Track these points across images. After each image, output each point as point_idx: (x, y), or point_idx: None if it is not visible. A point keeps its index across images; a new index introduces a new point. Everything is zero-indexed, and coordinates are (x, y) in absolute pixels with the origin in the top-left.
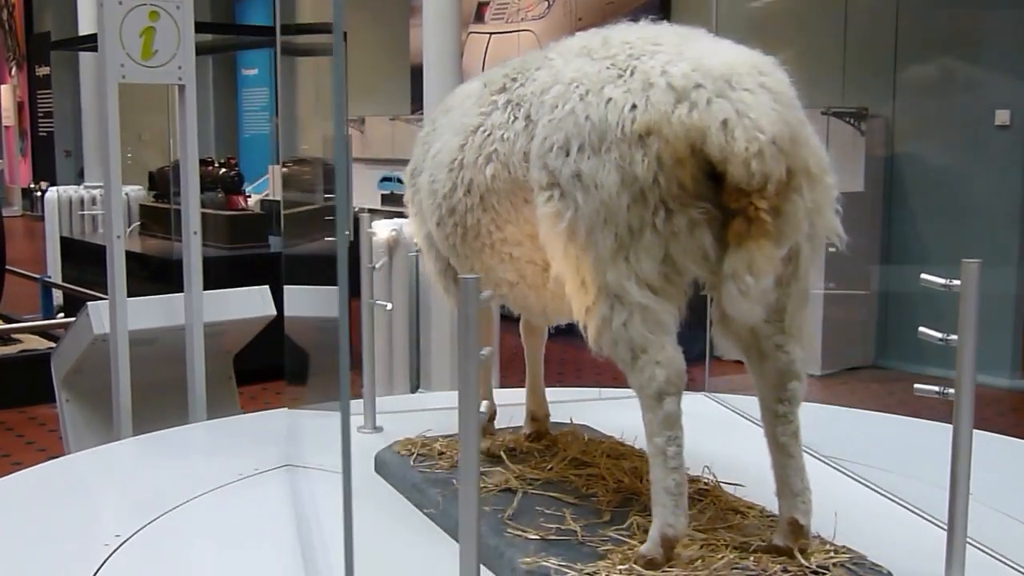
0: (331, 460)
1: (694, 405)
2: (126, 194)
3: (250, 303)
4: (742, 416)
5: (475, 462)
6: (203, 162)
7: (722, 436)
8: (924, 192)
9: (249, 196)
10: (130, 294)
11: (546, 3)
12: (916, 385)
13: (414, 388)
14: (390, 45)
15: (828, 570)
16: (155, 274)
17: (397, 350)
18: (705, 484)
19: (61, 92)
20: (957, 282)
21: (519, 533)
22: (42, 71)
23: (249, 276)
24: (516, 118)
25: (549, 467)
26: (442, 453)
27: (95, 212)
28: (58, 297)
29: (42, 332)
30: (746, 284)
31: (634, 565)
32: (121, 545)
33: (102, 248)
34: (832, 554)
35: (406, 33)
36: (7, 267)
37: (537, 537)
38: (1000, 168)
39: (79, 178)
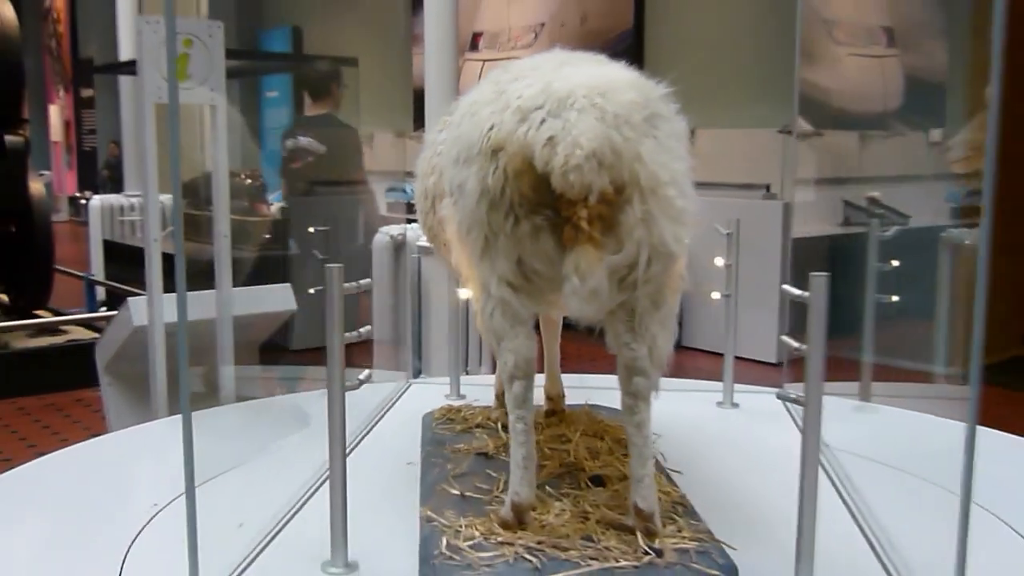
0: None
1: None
2: (161, 202)
3: (274, 298)
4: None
5: (340, 428)
6: (230, 173)
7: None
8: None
9: (271, 204)
10: (166, 291)
11: (533, 33)
12: (777, 391)
13: (416, 374)
14: (395, 70)
15: (662, 554)
16: (189, 272)
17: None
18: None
19: (103, 111)
20: (806, 293)
21: (446, 487)
22: (86, 93)
23: (272, 274)
24: (444, 133)
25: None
26: (465, 419)
27: (134, 218)
28: (101, 293)
29: (87, 324)
30: (574, 284)
31: (493, 524)
32: (158, 513)
33: (140, 250)
34: (682, 539)
35: (409, 59)
36: (56, 266)
37: (457, 493)
38: None
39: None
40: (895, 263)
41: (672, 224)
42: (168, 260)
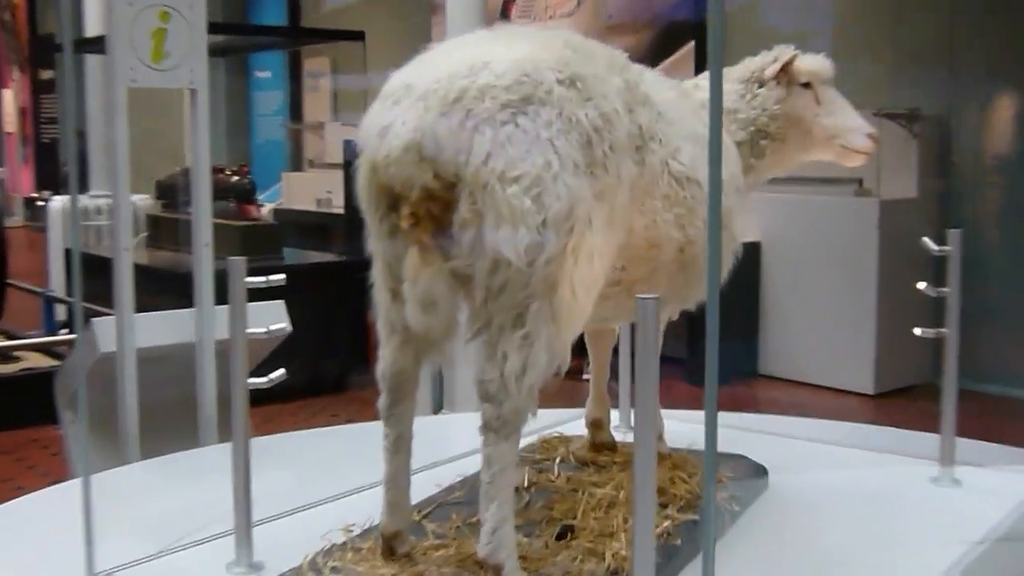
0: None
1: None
2: (133, 203)
3: (265, 318)
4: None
5: (244, 426)
6: (214, 170)
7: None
8: (983, 198)
9: (262, 205)
10: (138, 309)
11: (575, 0)
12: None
13: (437, 409)
14: (409, 44)
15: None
16: (164, 288)
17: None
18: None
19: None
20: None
21: (416, 511)
22: (46, 74)
23: (262, 290)
24: None
25: (556, 476)
26: (554, 447)
27: (100, 223)
28: (62, 312)
29: (45, 349)
30: (404, 289)
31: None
32: None
33: (108, 261)
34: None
35: (427, 31)
36: (8, 281)
37: (418, 519)
38: None
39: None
40: None
41: (508, 227)
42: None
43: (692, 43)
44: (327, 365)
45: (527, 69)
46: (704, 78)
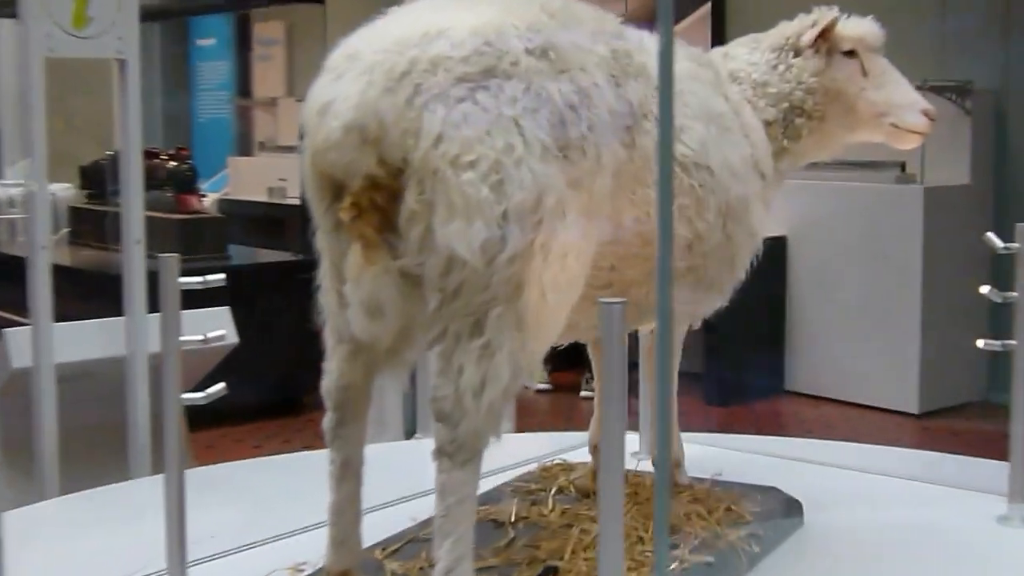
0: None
1: None
2: (52, 194)
3: (206, 328)
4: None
5: (177, 444)
6: (148, 154)
7: None
8: None
9: (204, 195)
10: (58, 318)
11: None
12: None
13: (410, 433)
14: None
15: None
16: (88, 293)
17: (388, 392)
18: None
19: None
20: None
21: (391, 550)
22: None
23: (205, 295)
24: None
25: (550, 509)
26: (554, 477)
27: (13, 215)
28: None
29: None
30: (346, 291)
31: None
32: None
33: (22, 261)
34: None
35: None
36: None
37: (382, 557)
38: None
39: None
40: None
41: (462, 220)
42: (63, 275)
43: (708, 5)
44: (280, 383)
45: (490, 37)
46: (739, 44)
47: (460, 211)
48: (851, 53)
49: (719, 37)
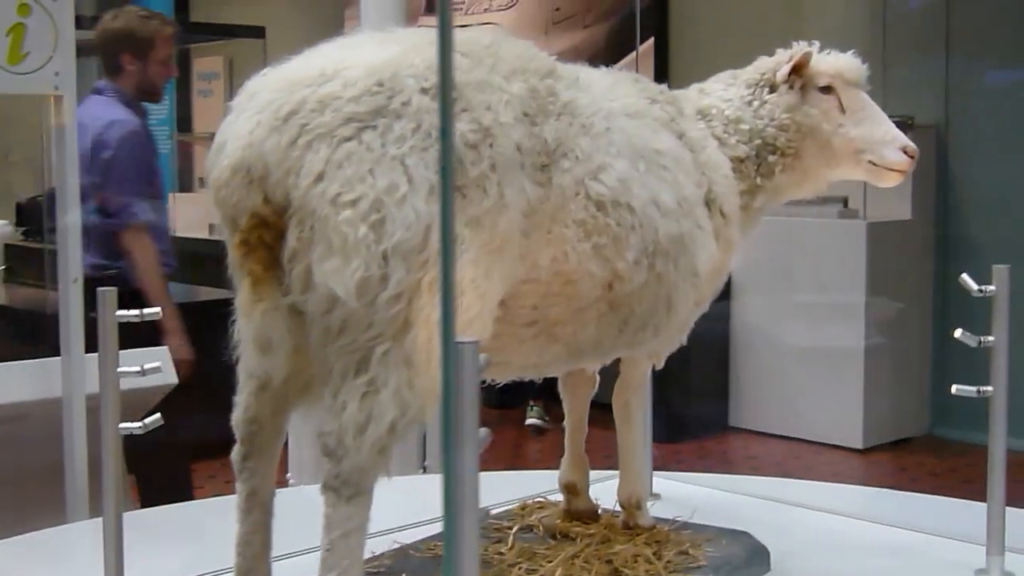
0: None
1: None
2: None
3: (144, 367)
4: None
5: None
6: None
7: None
8: (986, 219)
9: None
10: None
11: None
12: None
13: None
14: (317, 42)
15: None
16: (24, 332)
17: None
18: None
19: None
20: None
21: None
22: None
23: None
24: None
25: (508, 547)
26: (527, 516)
27: None
28: None
29: None
30: (239, 326)
31: None
32: None
33: None
34: None
35: (340, 26)
36: None
37: None
38: None
39: None
40: None
41: (338, 258)
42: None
43: (651, 40)
44: (222, 422)
45: (383, 77)
46: (717, 80)
47: (337, 249)
48: (828, 88)
49: (662, 73)
